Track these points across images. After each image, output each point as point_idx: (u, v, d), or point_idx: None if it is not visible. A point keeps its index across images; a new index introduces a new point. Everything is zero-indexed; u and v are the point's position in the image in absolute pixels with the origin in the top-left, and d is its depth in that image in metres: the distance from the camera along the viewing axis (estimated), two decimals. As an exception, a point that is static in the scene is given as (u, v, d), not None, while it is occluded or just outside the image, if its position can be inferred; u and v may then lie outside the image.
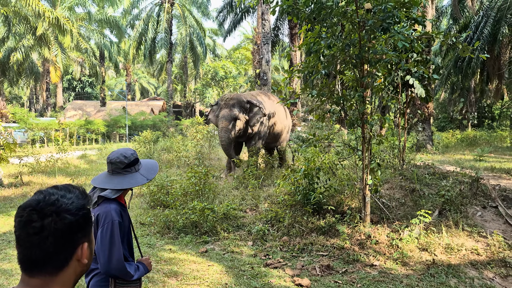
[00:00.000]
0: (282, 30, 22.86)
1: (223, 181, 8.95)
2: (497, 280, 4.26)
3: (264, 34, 13.38)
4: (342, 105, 5.60)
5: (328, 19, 5.22)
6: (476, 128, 29.69)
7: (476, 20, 19.00)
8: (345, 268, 4.49)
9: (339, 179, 6.68)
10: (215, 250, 5.23)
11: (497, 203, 6.22)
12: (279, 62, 38.39)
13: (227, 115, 9.11)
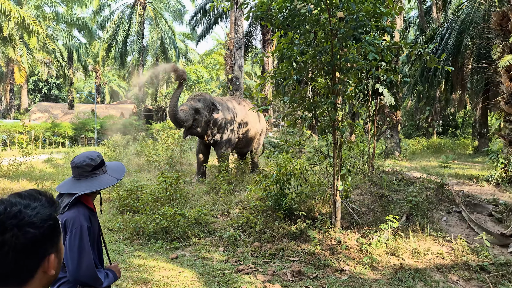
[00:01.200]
0: (255, 36, 23.02)
1: (194, 186, 8.87)
2: (461, 283, 4.40)
3: (237, 40, 13.41)
4: (314, 111, 5.67)
5: (301, 26, 5.29)
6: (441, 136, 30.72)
7: (441, 32, 19.70)
8: (316, 273, 4.52)
9: (310, 184, 6.75)
10: (186, 256, 5.16)
11: (461, 209, 6.44)
12: (251, 67, 38.57)
13: (189, 104, 9.28)
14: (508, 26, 10.24)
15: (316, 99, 5.59)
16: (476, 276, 4.51)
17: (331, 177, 5.92)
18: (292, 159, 7.08)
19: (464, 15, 18.73)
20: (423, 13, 19.96)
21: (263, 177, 6.45)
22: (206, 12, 23.19)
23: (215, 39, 40.45)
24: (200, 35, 24.90)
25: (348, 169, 5.81)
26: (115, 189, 7.49)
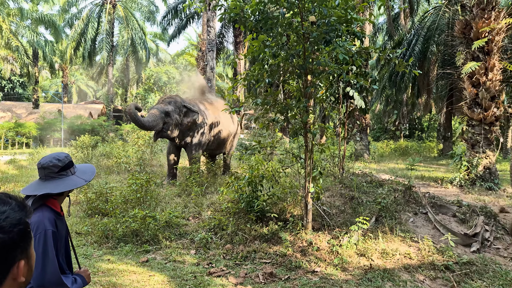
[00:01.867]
0: (227, 37, 23.00)
1: (165, 188, 8.76)
2: (427, 282, 4.53)
3: (209, 41, 13.35)
4: (286, 114, 5.71)
5: (274, 29, 5.32)
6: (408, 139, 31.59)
7: (408, 38, 20.26)
8: (287, 275, 4.55)
9: (282, 187, 6.78)
10: (157, 260, 5.09)
11: (427, 210, 6.63)
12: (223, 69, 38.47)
13: (159, 107, 9.12)
14: (470, 34, 10.66)
15: (289, 101, 5.63)
16: (441, 275, 4.66)
17: (303, 179, 5.98)
18: (264, 161, 7.11)
19: (430, 22, 19.35)
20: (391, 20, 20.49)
21: (235, 179, 6.44)
22: (178, 12, 22.98)
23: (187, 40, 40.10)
24: (171, 36, 24.64)
25: (320, 171, 5.89)
26: (83, 191, 7.30)
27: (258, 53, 5.18)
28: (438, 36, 18.83)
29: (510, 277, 4.65)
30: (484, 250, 5.53)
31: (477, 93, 10.44)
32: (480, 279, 4.62)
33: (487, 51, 10.41)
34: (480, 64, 10.24)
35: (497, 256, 5.42)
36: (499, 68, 10.44)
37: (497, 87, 10.40)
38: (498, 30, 10.25)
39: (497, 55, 10.43)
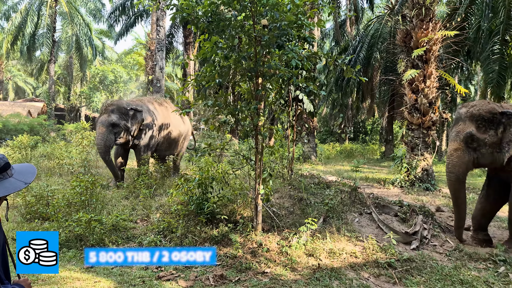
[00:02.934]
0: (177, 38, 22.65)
1: (112, 191, 8.47)
2: (371, 279, 4.73)
3: (158, 41, 13.10)
4: (237, 116, 5.74)
5: (226, 31, 5.33)
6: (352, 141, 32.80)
7: (354, 44, 21.06)
8: (238, 277, 4.56)
9: (232, 188, 6.80)
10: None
11: (371, 210, 6.92)
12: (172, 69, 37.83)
13: (104, 121, 8.79)
14: (411, 43, 11.28)
15: (239, 103, 5.66)
16: (384, 272, 4.88)
17: (253, 181, 6.03)
18: (214, 163, 7.09)
19: (373, 30, 20.23)
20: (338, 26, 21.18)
21: (184, 181, 6.37)
22: (125, 9, 22.30)
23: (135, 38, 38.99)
24: (119, 34, 23.85)
25: (269, 173, 5.97)
26: (21, 194, 6.88)
27: (210, 54, 5.17)
28: (381, 44, 19.73)
29: (445, 271, 4.96)
30: (422, 247, 5.87)
31: (416, 99, 11.06)
32: (419, 274, 4.90)
33: (425, 60, 11.05)
34: (419, 71, 10.86)
35: (434, 252, 5.77)
36: (435, 76, 11.13)
37: (434, 93, 11.08)
38: (435, 41, 10.92)
39: (434, 64, 11.11)
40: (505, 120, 5.73)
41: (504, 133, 5.71)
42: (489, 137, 5.74)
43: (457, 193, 6.03)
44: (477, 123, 5.78)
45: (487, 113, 5.78)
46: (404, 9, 12.10)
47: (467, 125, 5.81)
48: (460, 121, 5.95)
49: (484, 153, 5.79)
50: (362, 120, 35.23)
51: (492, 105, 5.94)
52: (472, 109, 5.87)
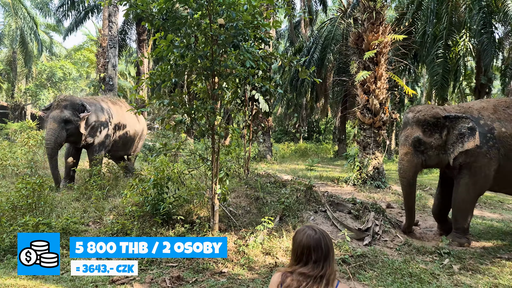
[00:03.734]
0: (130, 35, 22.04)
1: (61, 192, 8.12)
2: None
3: (111, 37, 12.69)
4: (193, 115, 5.68)
5: (182, 29, 5.26)
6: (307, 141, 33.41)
7: (308, 45, 21.47)
8: (195, 278, 4.52)
9: (188, 188, 6.73)
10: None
11: (326, 208, 7.09)
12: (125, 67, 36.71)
13: (56, 116, 8.38)
14: (362, 45, 11.65)
15: (196, 103, 5.61)
16: (338, 268, 5.01)
17: (209, 180, 5.99)
18: (169, 163, 6.98)
19: (327, 32, 20.72)
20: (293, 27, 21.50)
21: (139, 181, 6.22)
22: (75, 4, 21.37)
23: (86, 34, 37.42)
24: (68, 29, 22.82)
25: (226, 172, 5.96)
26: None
27: (166, 53, 5.08)
28: (334, 46, 20.24)
29: (396, 265, 5.18)
30: (374, 243, 6.09)
31: (368, 99, 11.45)
32: (371, 269, 5.07)
33: (376, 62, 11.47)
34: (370, 73, 11.24)
35: (385, 247, 6.00)
36: (385, 78, 11.57)
37: (384, 94, 11.51)
38: (385, 44, 11.36)
39: (384, 66, 11.55)
40: (448, 124, 6.10)
41: (448, 135, 6.08)
42: (434, 140, 6.09)
43: (408, 196, 6.43)
44: (423, 127, 6.12)
45: (431, 118, 6.13)
46: (356, 13, 12.49)
47: (414, 129, 6.15)
48: (408, 125, 6.29)
49: (431, 155, 6.14)
50: (316, 119, 35.98)
51: (436, 109, 6.29)
52: (418, 114, 6.22)
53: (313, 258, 1.92)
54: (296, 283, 1.89)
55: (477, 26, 15.42)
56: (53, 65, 33.93)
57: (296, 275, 1.91)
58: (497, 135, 6.01)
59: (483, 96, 18.33)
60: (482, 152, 5.96)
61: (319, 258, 1.92)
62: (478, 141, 5.88)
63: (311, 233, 1.97)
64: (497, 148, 5.99)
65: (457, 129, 6.02)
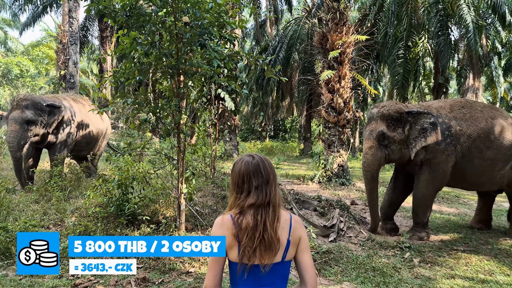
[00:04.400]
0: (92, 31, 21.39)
1: (19, 194, 7.80)
2: (293, 272, 4.91)
3: (71, 34, 12.29)
4: (158, 114, 5.60)
5: (147, 27, 5.17)
6: (273, 139, 33.65)
7: (274, 45, 21.63)
8: (161, 279, 4.47)
9: (154, 188, 6.63)
10: (9, 276, 4.50)
11: (292, 206, 7.17)
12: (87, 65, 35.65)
13: (17, 117, 8.02)
14: (327, 45, 11.86)
15: (161, 101, 5.54)
16: (305, 265, 5.08)
17: (175, 180, 5.93)
18: (134, 163, 6.85)
19: (292, 32, 20.93)
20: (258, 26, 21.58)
21: (103, 181, 6.07)
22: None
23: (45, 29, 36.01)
24: (25, 24, 21.85)
25: (192, 171, 5.91)
26: None
27: (129, 50, 4.98)
28: (300, 45, 20.48)
29: (360, 260, 5.32)
30: (339, 239, 6.22)
31: (332, 98, 11.66)
32: (336, 265, 5.19)
33: (340, 61, 11.70)
34: (334, 72, 11.46)
35: (350, 243, 6.15)
36: (349, 77, 11.83)
37: (348, 93, 11.77)
38: (349, 44, 11.61)
39: (348, 65, 11.81)
40: (411, 119, 6.31)
41: (410, 130, 6.29)
42: (397, 134, 6.28)
43: (371, 191, 6.54)
44: (387, 122, 6.29)
45: (395, 113, 6.32)
46: (321, 13, 12.69)
47: (378, 124, 6.31)
48: (372, 120, 6.44)
49: (394, 150, 6.32)
50: (282, 118, 36.30)
51: (400, 105, 6.50)
52: (382, 109, 6.39)
53: (254, 184, 1.82)
54: (252, 220, 1.79)
55: (435, 28, 16.05)
56: (9, 61, 32.49)
57: (247, 213, 1.80)
58: (454, 133, 6.28)
59: (441, 95, 19.10)
60: (441, 149, 6.22)
61: (261, 184, 1.83)
62: (440, 136, 6.11)
63: (249, 159, 1.88)
64: (454, 145, 6.26)
65: (419, 124, 6.24)
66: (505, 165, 6.45)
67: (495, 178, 6.55)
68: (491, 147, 6.31)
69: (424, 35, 17.45)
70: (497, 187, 6.84)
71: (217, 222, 1.85)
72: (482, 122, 6.39)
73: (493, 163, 6.36)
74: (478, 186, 6.93)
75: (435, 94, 19.27)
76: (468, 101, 7.14)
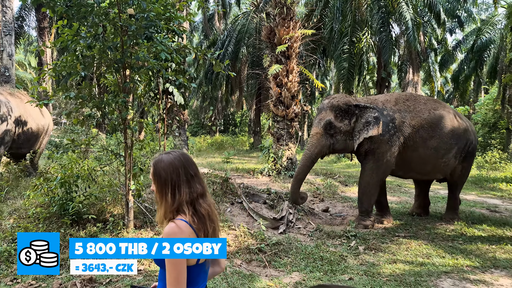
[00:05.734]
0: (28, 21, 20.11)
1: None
2: (244, 265, 4.97)
3: (5, 24, 11.51)
4: (104, 109, 5.42)
5: (89, 18, 4.96)
6: (223, 134, 33.60)
7: (222, 39, 21.51)
8: (109, 279, 4.35)
9: (100, 186, 6.41)
10: None
11: (242, 199, 7.23)
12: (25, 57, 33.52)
13: None
14: (274, 39, 11.97)
15: (106, 96, 5.35)
16: (255, 258, 5.16)
17: (123, 177, 5.78)
18: (79, 160, 6.58)
19: (240, 26, 20.93)
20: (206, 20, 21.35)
21: (44, 180, 5.78)
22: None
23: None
24: (-50, 12, 20.18)
25: (140, 168, 5.78)
26: None
27: (71, 43, 4.76)
28: (248, 39, 20.53)
29: (308, 250, 5.47)
30: (289, 231, 6.36)
31: (280, 92, 11.82)
32: (286, 256, 5.31)
33: (287, 56, 11.86)
34: (282, 67, 11.61)
35: (299, 234, 6.31)
36: (297, 71, 12.03)
37: (296, 87, 11.97)
38: (296, 38, 11.79)
39: (295, 60, 11.99)
40: (357, 112, 6.60)
41: (356, 123, 6.57)
42: (344, 125, 6.55)
43: (303, 167, 6.75)
44: (335, 112, 6.57)
45: (344, 105, 6.60)
46: (268, 7, 12.79)
47: (327, 113, 6.59)
48: (322, 110, 6.73)
49: (339, 140, 6.60)
50: (232, 112, 36.32)
51: (349, 98, 6.80)
52: (332, 101, 6.69)
53: (192, 173, 1.80)
54: (205, 211, 1.78)
55: (377, 25, 16.71)
56: None
57: (198, 205, 1.77)
58: (398, 124, 6.62)
59: (383, 89, 19.95)
60: (385, 139, 6.53)
61: (195, 173, 1.81)
62: (381, 130, 6.42)
63: (173, 154, 1.82)
64: (398, 136, 6.60)
65: (364, 117, 6.54)
66: (447, 153, 6.89)
67: (439, 167, 6.99)
68: (434, 136, 6.74)
69: (367, 31, 18.09)
70: (441, 175, 7.29)
71: (174, 232, 1.71)
72: (425, 114, 6.79)
73: (436, 151, 6.79)
74: (425, 175, 7.33)
75: (379, 88, 20.10)
76: (412, 94, 7.59)
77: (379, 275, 4.73)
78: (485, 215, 7.83)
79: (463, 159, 7.14)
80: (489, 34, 20.75)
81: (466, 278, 4.71)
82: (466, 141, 7.06)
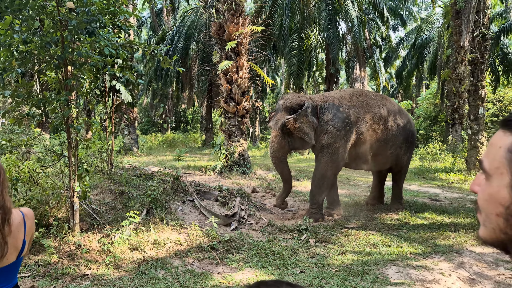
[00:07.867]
0: (-41, 13, 18.73)
1: None
2: (196, 264, 4.93)
3: None
4: (44, 108, 5.15)
5: (24, 11, 4.68)
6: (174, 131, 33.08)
7: (171, 35, 21.13)
8: (53, 286, 4.16)
9: (42, 188, 6.09)
10: None
11: (194, 197, 7.16)
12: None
13: None
14: (224, 36, 11.94)
15: (46, 94, 5.09)
16: (207, 255, 5.13)
17: (67, 178, 5.53)
18: (18, 162, 6.22)
19: (190, 21, 20.65)
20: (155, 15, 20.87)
21: (-21, 185, 5.41)
22: None
23: None
24: None
25: (86, 168, 5.56)
26: None
27: (5, 39, 4.47)
28: (198, 35, 20.30)
29: (260, 246, 5.52)
30: (241, 227, 6.38)
31: (231, 88, 11.81)
32: (238, 252, 5.32)
33: (237, 52, 11.87)
34: (232, 63, 11.60)
35: (251, 230, 6.34)
36: (247, 68, 12.07)
37: (246, 84, 12.01)
38: (245, 35, 11.81)
39: (245, 56, 12.02)
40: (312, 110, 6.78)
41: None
42: None
43: (282, 170, 7.09)
44: (289, 113, 6.66)
45: (296, 105, 6.73)
46: (217, 3, 12.69)
47: (283, 115, 6.74)
48: (278, 111, 6.89)
49: (296, 138, 6.74)
50: (183, 109, 35.81)
51: (302, 98, 6.91)
52: (286, 102, 6.84)
53: None
54: None
55: (325, 22, 17.09)
56: None
57: None
58: (353, 120, 6.85)
59: (332, 84, 20.47)
60: (341, 135, 6.72)
61: None
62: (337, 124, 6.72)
63: None
64: (352, 132, 6.83)
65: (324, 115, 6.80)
66: (394, 144, 7.25)
67: (388, 158, 7.36)
68: (384, 129, 7.07)
69: (315, 28, 18.48)
70: (389, 165, 7.64)
71: None
72: (375, 109, 7.09)
73: (386, 143, 7.14)
74: (377, 166, 7.63)
75: (328, 84, 20.60)
76: (363, 90, 7.90)
77: (329, 267, 4.85)
78: (427, 204, 8.25)
79: (406, 149, 7.54)
80: (429, 32, 21.87)
81: (410, 264, 4.95)
82: (409, 132, 7.50)
